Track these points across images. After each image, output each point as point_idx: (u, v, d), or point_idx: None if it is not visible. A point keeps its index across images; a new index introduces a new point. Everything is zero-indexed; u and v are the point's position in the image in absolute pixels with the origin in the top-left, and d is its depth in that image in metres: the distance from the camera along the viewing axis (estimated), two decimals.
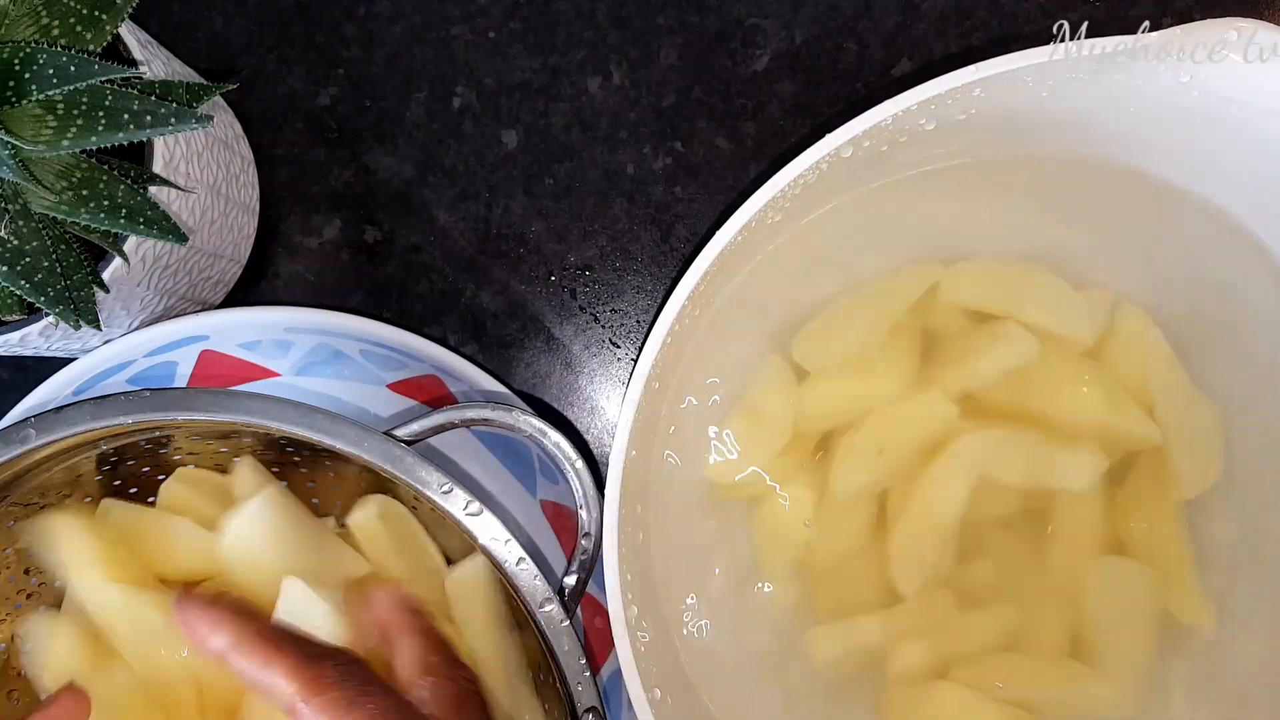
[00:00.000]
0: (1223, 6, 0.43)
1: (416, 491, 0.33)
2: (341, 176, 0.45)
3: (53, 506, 0.36)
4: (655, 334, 0.31)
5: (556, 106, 0.45)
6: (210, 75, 0.44)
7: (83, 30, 0.31)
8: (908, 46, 0.44)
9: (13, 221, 0.30)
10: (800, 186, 0.31)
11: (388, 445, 0.33)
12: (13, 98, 0.29)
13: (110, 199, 0.31)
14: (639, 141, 0.45)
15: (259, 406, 0.33)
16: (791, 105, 0.44)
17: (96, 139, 0.30)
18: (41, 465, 0.34)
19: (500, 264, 0.45)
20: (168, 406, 0.33)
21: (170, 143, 0.35)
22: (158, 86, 0.33)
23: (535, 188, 0.45)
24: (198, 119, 0.31)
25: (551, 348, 0.45)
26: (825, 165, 0.30)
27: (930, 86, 0.29)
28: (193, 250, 0.38)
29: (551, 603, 0.32)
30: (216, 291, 0.43)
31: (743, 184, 0.44)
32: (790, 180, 0.30)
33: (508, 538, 0.32)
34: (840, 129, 0.29)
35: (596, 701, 0.32)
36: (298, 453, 0.38)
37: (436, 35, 0.45)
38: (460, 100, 0.45)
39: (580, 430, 0.45)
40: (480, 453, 0.39)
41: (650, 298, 0.45)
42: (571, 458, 0.34)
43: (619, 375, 0.45)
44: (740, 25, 0.44)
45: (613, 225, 0.45)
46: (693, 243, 0.45)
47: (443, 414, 0.34)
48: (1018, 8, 0.44)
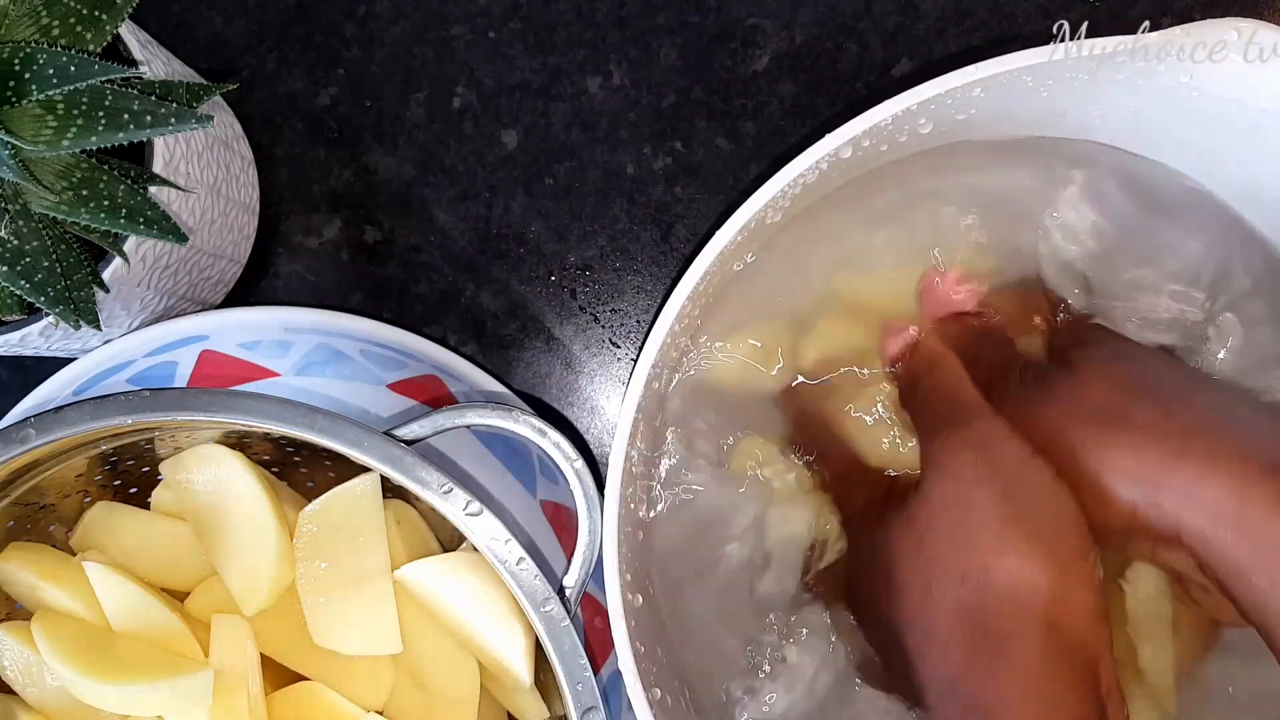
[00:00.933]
0: (1222, 6, 0.43)
1: (417, 491, 0.33)
2: (341, 176, 0.45)
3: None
4: (655, 334, 0.31)
5: (556, 106, 0.45)
6: (210, 75, 0.44)
7: (83, 30, 0.31)
8: (908, 46, 0.44)
9: (13, 221, 0.30)
10: (800, 186, 0.31)
11: (388, 445, 0.33)
12: (13, 98, 0.29)
13: (110, 199, 0.31)
14: (639, 141, 0.45)
15: (259, 406, 0.33)
16: (791, 105, 0.44)
17: (96, 139, 0.30)
18: (41, 465, 0.34)
19: (500, 264, 0.45)
20: (168, 406, 0.33)
21: (170, 143, 0.35)
22: (158, 86, 0.33)
23: (535, 188, 0.45)
24: (198, 119, 0.31)
25: (551, 348, 0.45)
26: (825, 165, 0.30)
27: (930, 86, 0.29)
28: (193, 250, 0.38)
29: (551, 603, 0.32)
30: (216, 291, 0.43)
31: (743, 184, 0.44)
32: (790, 180, 0.30)
33: (508, 538, 0.32)
34: (840, 129, 0.29)
35: (597, 701, 0.32)
36: (298, 453, 0.38)
37: (436, 35, 0.45)
38: (460, 100, 0.45)
39: (580, 430, 0.45)
40: (480, 453, 0.39)
41: (650, 298, 0.45)
42: (571, 458, 0.34)
43: (619, 375, 0.45)
44: (740, 25, 0.44)
45: (613, 225, 0.45)
46: (693, 243, 0.45)
47: (443, 414, 0.34)
48: (1018, 8, 0.44)
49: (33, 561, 0.35)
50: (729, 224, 0.30)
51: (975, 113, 0.31)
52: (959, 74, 0.28)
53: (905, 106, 0.29)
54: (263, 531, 0.35)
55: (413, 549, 0.37)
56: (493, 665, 0.35)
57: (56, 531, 0.38)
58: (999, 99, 0.30)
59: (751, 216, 0.30)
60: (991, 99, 0.30)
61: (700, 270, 0.30)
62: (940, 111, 0.30)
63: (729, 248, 0.31)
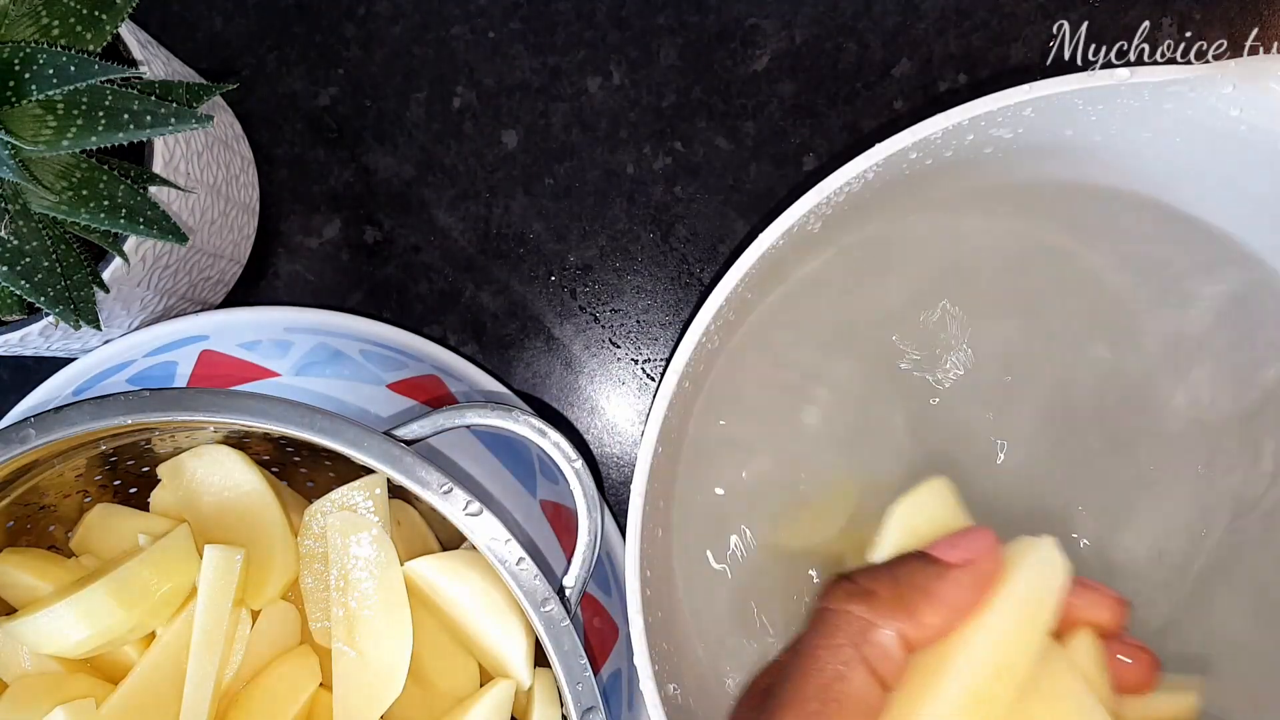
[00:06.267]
0: (1223, 8, 0.43)
1: (417, 491, 0.33)
2: (341, 176, 0.45)
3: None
4: (676, 361, 0.30)
5: (556, 106, 0.45)
6: (210, 75, 0.44)
7: (83, 30, 0.31)
8: (908, 46, 0.44)
9: (13, 221, 0.30)
10: (845, 194, 0.30)
11: (388, 445, 0.33)
12: (13, 98, 0.29)
13: (110, 199, 0.31)
14: (639, 141, 0.45)
15: (259, 406, 0.33)
16: (791, 105, 0.44)
17: (96, 139, 0.30)
18: (41, 465, 0.34)
19: (500, 264, 0.45)
20: (168, 406, 0.33)
21: (170, 143, 0.35)
22: (158, 86, 0.33)
23: (535, 188, 0.45)
24: (198, 119, 0.31)
25: (551, 348, 0.45)
26: (871, 174, 0.30)
27: (982, 103, 0.28)
28: (193, 250, 0.38)
29: (551, 603, 0.32)
30: (216, 291, 0.43)
31: (743, 184, 0.44)
32: (836, 187, 0.29)
33: (508, 538, 0.32)
34: (892, 138, 0.29)
35: (597, 701, 0.32)
36: (298, 453, 0.38)
37: (436, 35, 0.45)
38: (460, 100, 0.45)
39: (580, 430, 0.45)
40: (480, 453, 0.39)
41: (650, 298, 0.45)
42: (571, 458, 0.34)
43: (619, 375, 0.45)
44: (740, 25, 0.44)
45: (613, 225, 0.45)
46: (693, 243, 0.45)
47: (443, 414, 0.34)
48: (1018, 8, 0.44)
49: (28, 564, 0.36)
50: (764, 235, 0.29)
51: (1022, 131, 0.30)
52: (1010, 93, 0.28)
53: (956, 121, 0.28)
54: (269, 527, 0.35)
55: (412, 549, 0.37)
56: (493, 665, 0.36)
57: (56, 532, 0.38)
58: (1046, 121, 0.30)
59: (794, 223, 0.29)
60: (1041, 119, 0.30)
61: (742, 270, 0.30)
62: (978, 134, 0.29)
63: (772, 249, 0.30)
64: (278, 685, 0.36)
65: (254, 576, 0.36)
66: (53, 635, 0.34)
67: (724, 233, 0.45)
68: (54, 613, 0.33)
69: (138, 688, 0.35)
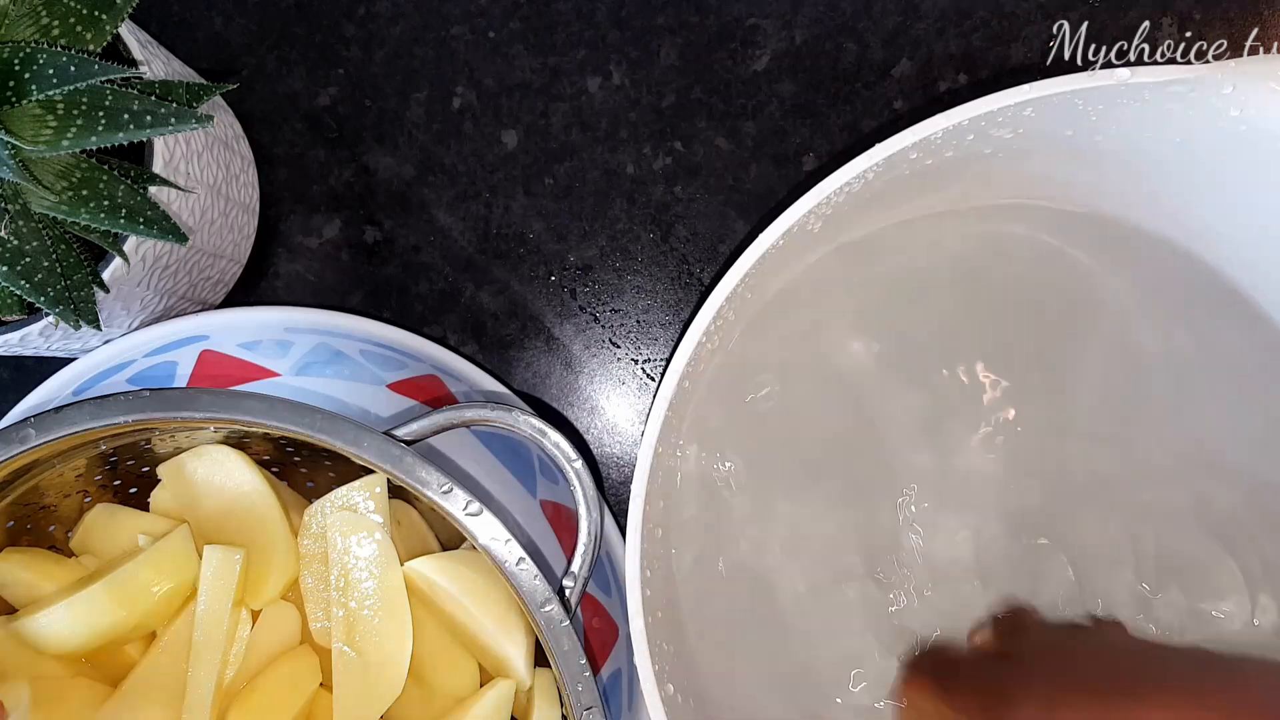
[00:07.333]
0: (1223, 8, 0.43)
1: (417, 491, 0.33)
2: (341, 176, 0.45)
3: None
4: (676, 361, 0.30)
5: (556, 106, 0.45)
6: (210, 75, 0.44)
7: (83, 30, 0.31)
8: (908, 46, 0.44)
9: (13, 221, 0.30)
10: (845, 194, 0.30)
11: (388, 445, 0.33)
12: (13, 98, 0.29)
13: (110, 199, 0.31)
14: (639, 141, 0.45)
15: (259, 406, 0.33)
16: (791, 105, 0.44)
17: (96, 139, 0.30)
18: (41, 465, 0.34)
19: (500, 264, 0.45)
20: (168, 406, 0.33)
21: (170, 143, 0.35)
22: (158, 86, 0.33)
23: (535, 188, 0.45)
24: (198, 119, 0.31)
25: (551, 348, 0.45)
26: (870, 175, 0.29)
27: (982, 103, 0.28)
28: (193, 250, 0.38)
29: (551, 603, 0.32)
30: (216, 291, 0.43)
31: (743, 183, 0.44)
32: (835, 187, 0.29)
33: (508, 538, 0.32)
34: (893, 138, 0.28)
35: (597, 701, 0.32)
36: (298, 453, 0.38)
37: (436, 35, 0.45)
38: (460, 100, 0.45)
39: (580, 430, 0.45)
40: (480, 453, 0.39)
41: (650, 298, 0.45)
42: (571, 458, 0.34)
43: (619, 375, 0.45)
44: (740, 25, 0.44)
45: (612, 225, 0.45)
46: (693, 242, 0.45)
47: (443, 414, 0.34)
48: (1018, 8, 0.44)
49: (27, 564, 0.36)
50: (769, 230, 0.29)
51: (1022, 131, 0.30)
52: (1010, 93, 0.28)
53: (956, 121, 0.28)
54: (269, 527, 0.35)
55: (412, 549, 0.37)
56: (493, 665, 0.35)
57: (56, 532, 0.38)
58: (1046, 121, 0.30)
59: (794, 223, 0.29)
60: (1041, 119, 0.29)
61: (742, 270, 0.30)
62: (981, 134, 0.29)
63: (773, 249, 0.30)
64: (278, 685, 0.36)
65: (254, 576, 0.36)
66: (53, 635, 0.34)
67: (724, 233, 0.45)
68: (54, 613, 0.33)
69: (138, 688, 0.35)
